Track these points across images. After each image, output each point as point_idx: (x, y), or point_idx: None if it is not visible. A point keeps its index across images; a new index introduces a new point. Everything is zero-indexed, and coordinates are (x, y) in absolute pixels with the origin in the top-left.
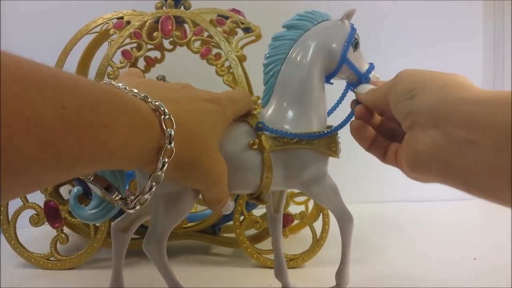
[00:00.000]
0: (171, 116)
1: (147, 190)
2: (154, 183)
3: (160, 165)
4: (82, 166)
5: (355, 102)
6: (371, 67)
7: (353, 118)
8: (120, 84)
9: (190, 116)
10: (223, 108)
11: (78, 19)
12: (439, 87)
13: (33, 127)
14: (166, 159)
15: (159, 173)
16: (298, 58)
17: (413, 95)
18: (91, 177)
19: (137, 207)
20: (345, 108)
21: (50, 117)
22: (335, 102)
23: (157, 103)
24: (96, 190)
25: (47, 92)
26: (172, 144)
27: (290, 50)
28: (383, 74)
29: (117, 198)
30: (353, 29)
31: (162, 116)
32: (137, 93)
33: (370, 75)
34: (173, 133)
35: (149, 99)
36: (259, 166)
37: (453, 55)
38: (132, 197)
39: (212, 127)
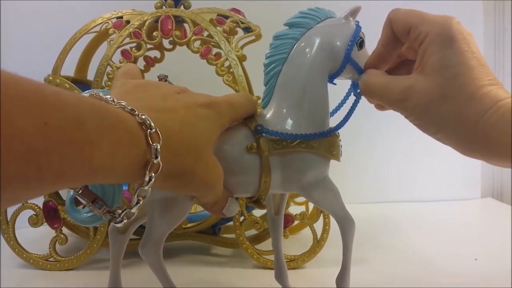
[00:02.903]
0: (157, 130)
1: (134, 204)
2: (140, 198)
3: (147, 179)
4: (65, 182)
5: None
6: None
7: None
8: (108, 96)
9: (182, 125)
10: (219, 113)
11: (77, 19)
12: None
13: (14, 144)
14: (153, 174)
15: (146, 187)
16: (300, 58)
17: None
18: (79, 190)
19: (124, 221)
20: (348, 109)
21: (32, 134)
22: (338, 102)
23: (143, 117)
24: (84, 203)
25: (29, 109)
26: (159, 159)
27: (291, 49)
28: None
29: (104, 211)
30: (358, 27)
31: (149, 130)
32: (124, 105)
33: None
34: (159, 147)
35: (136, 112)
36: (257, 170)
37: None
38: (119, 211)
39: (206, 133)
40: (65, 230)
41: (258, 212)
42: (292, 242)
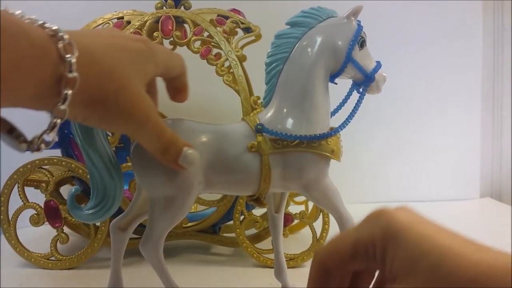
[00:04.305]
0: (72, 42)
1: (50, 127)
2: (57, 120)
3: (63, 97)
4: None
5: None
6: (378, 66)
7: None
8: (18, 11)
9: (105, 49)
10: (152, 50)
11: (78, 19)
12: None
13: None
14: (70, 91)
15: (62, 107)
16: (301, 58)
17: None
18: None
19: (42, 149)
20: (350, 108)
21: None
22: (339, 101)
23: (54, 28)
24: None
25: None
26: (74, 73)
27: (293, 48)
28: None
29: (21, 141)
30: (359, 27)
31: (61, 42)
32: (33, 19)
33: (377, 75)
34: (74, 60)
35: (47, 25)
36: (258, 169)
37: (452, 55)
38: (36, 139)
39: (135, 65)
40: (66, 229)
41: (258, 211)
42: (292, 241)
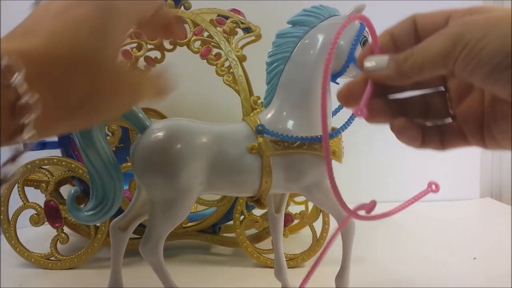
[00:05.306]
0: (10, 60)
1: (11, 159)
2: (19, 152)
3: (26, 121)
4: None
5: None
6: None
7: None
8: None
9: (60, 32)
10: (113, 4)
11: None
12: None
13: None
14: (32, 116)
15: (26, 135)
16: (303, 57)
17: None
18: None
19: (4, 185)
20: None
21: None
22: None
23: None
24: None
25: None
26: (29, 98)
27: (294, 48)
28: None
29: None
30: (362, 26)
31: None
32: None
33: None
34: (24, 85)
35: None
36: (258, 170)
37: None
38: None
39: (98, 36)
40: (66, 229)
41: (258, 211)
42: (292, 241)
